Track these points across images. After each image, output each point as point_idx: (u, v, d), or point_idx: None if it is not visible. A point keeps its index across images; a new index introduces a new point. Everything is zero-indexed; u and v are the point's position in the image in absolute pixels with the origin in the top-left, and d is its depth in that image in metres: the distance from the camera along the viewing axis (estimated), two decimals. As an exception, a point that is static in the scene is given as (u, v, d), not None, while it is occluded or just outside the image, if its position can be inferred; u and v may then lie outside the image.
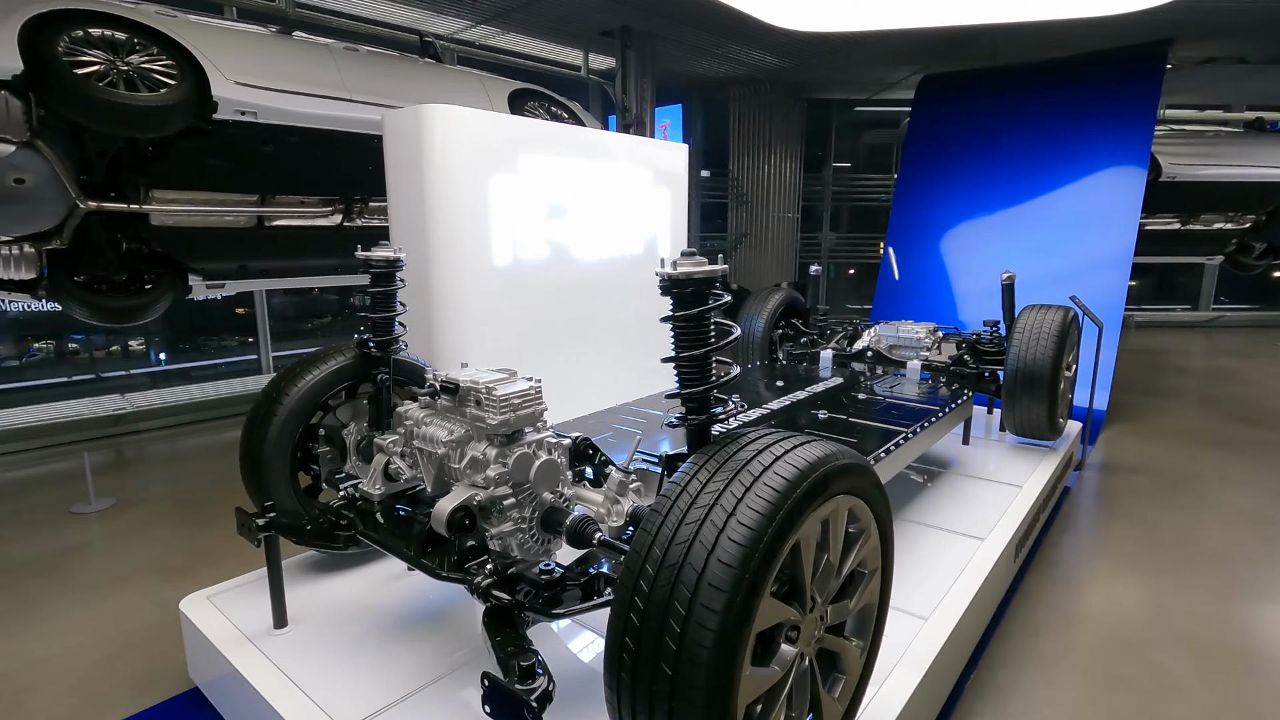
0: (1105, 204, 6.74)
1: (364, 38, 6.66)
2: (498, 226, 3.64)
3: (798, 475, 1.37)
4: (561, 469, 2.04)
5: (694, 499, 1.36)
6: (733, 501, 1.33)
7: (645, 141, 4.64)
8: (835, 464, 1.46)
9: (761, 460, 1.41)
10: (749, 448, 1.47)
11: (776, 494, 1.33)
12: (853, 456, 1.56)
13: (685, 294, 1.60)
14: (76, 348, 7.62)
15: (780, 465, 1.39)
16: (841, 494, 1.53)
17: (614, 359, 4.46)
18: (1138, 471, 4.89)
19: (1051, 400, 3.87)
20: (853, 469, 1.53)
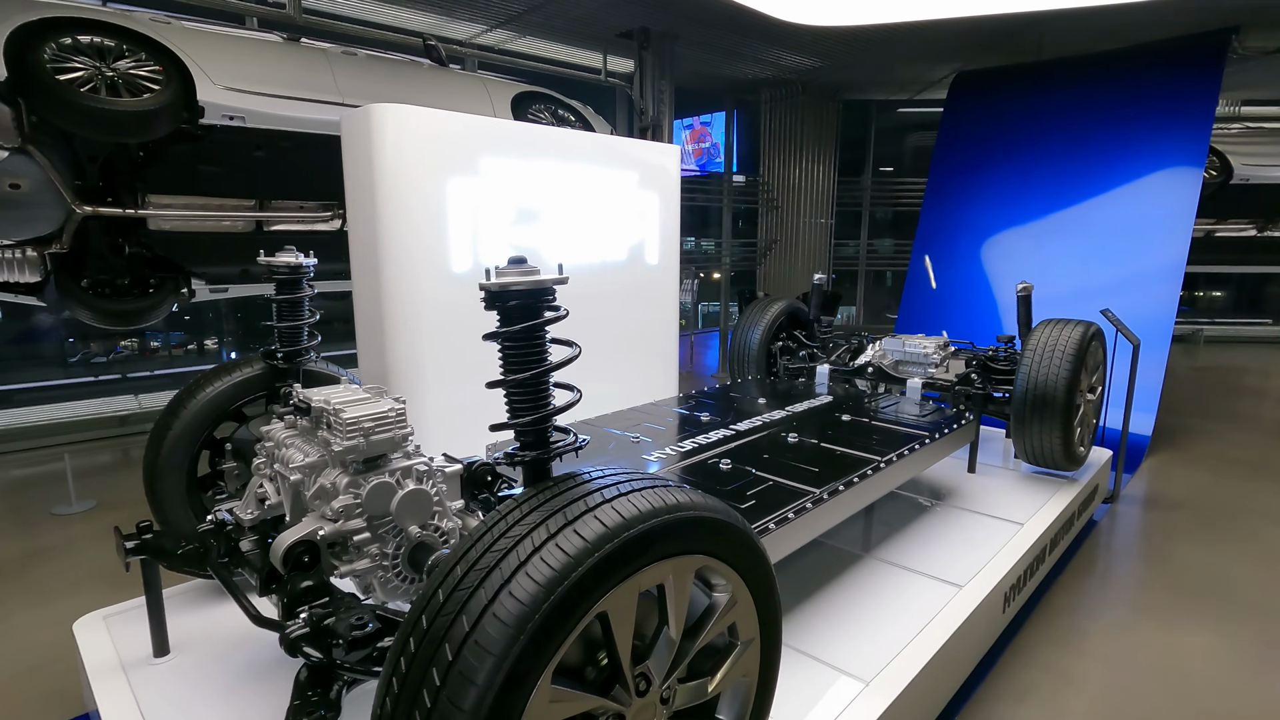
0: (1157, 209, 6.15)
1: (368, 42, 6.66)
2: (457, 232, 3.47)
3: (599, 537, 1.12)
4: (438, 500, 1.83)
5: (474, 562, 1.13)
6: (513, 565, 1.09)
7: (631, 143, 4.41)
8: (665, 520, 1.21)
9: (568, 513, 1.17)
10: (568, 494, 1.23)
11: (568, 559, 1.08)
12: (706, 509, 1.30)
13: (510, 308, 1.36)
14: (157, 345, 8.09)
15: (584, 523, 1.14)
16: (681, 555, 1.26)
17: (593, 370, 4.23)
18: (1178, 506, 4.36)
19: (1066, 426, 3.45)
20: (697, 526, 1.27)
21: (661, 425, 3.29)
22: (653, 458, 2.79)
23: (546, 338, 1.42)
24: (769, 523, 2.17)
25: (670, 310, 4.75)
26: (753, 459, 2.77)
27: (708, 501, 1.33)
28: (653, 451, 2.86)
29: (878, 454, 2.81)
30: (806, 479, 2.53)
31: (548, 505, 1.19)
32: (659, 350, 4.67)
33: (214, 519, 1.96)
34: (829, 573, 2.71)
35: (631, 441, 3.03)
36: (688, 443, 2.98)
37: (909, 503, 3.46)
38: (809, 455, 2.82)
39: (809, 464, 2.70)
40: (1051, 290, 6.56)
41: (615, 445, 2.98)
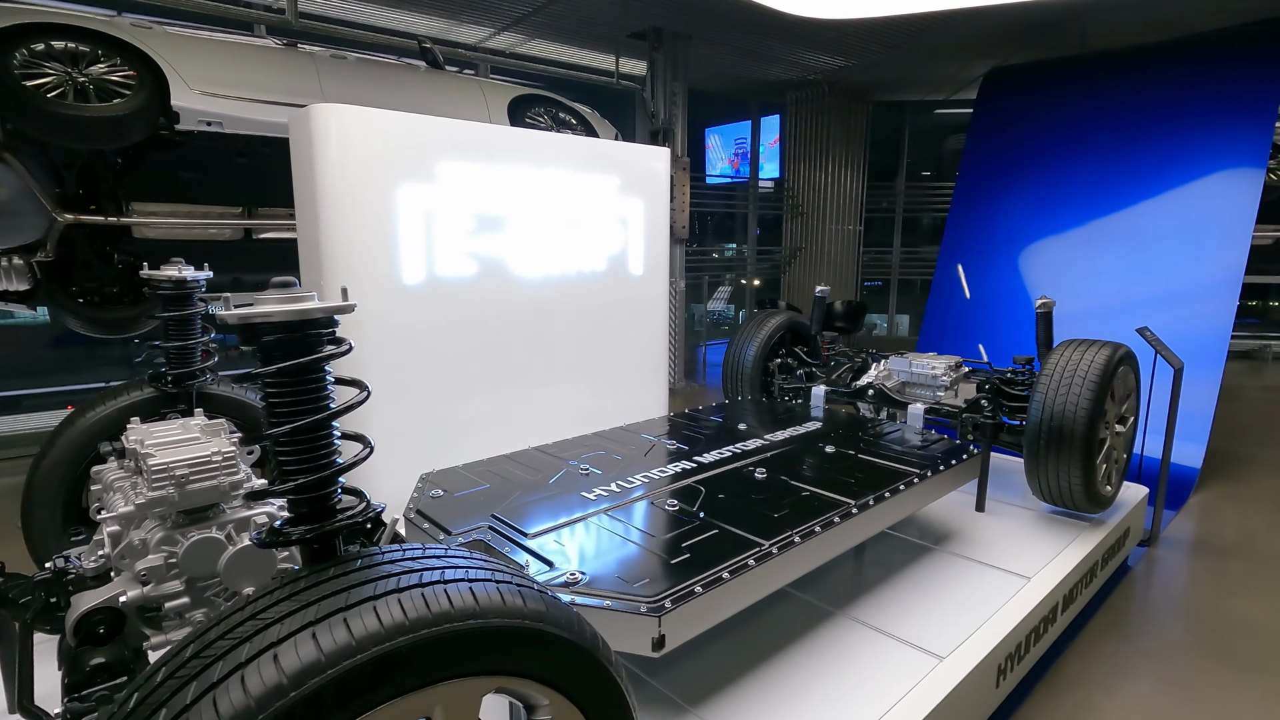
0: (1212, 214, 5.56)
1: (366, 45, 6.55)
2: (409, 241, 3.23)
3: (297, 672, 0.81)
4: (287, 555, 1.56)
5: (183, 662, 0.84)
6: (209, 681, 0.80)
7: (613, 145, 4.13)
8: (421, 637, 0.90)
9: (283, 627, 0.87)
10: (313, 591, 0.93)
11: (265, 690, 0.79)
12: (511, 616, 0.99)
13: (269, 345, 1.08)
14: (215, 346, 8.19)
15: (289, 649, 0.84)
16: (459, 677, 0.95)
17: (567, 388, 3.95)
18: (1227, 553, 3.83)
19: (1087, 462, 3.01)
20: (487, 640, 0.96)
21: (621, 454, 2.98)
22: (593, 495, 2.48)
23: (326, 379, 1.13)
24: (695, 585, 1.84)
25: (659, 323, 4.43)
26: (706, 499, 2.44)
27: (522, 605, 1.01)
28: (596, 488, 2.55)
29: (853, 496, 2.45)
30: (759, 527, 2.19)
31: (274, 609, 0.90)
32: (645, 365, 4.36)
33: (52, 566, 1.73)
34: (788, 634, 2.36)
35: (580, 474, 2.73)
36: (639, 477, 2.66)
37: (904, 544, 3.06)
38: (772, 496, 2.47)
39: (769, 508, 2.36)
40: (1093, 304, 6.02)
41: (560, 478, 2.68)
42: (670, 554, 2.02)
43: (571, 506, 2.39)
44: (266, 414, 1.10)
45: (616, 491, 2.52)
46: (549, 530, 2.20)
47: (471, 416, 3.55)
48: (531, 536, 2.15)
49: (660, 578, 1.88)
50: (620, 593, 1.80)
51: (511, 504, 2.42)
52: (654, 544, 2.09)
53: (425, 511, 2.36)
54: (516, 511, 2.35)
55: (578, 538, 2.16)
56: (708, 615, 1.86)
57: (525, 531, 2.18)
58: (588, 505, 2.40)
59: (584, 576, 1.88)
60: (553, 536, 2.16)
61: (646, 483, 2.60)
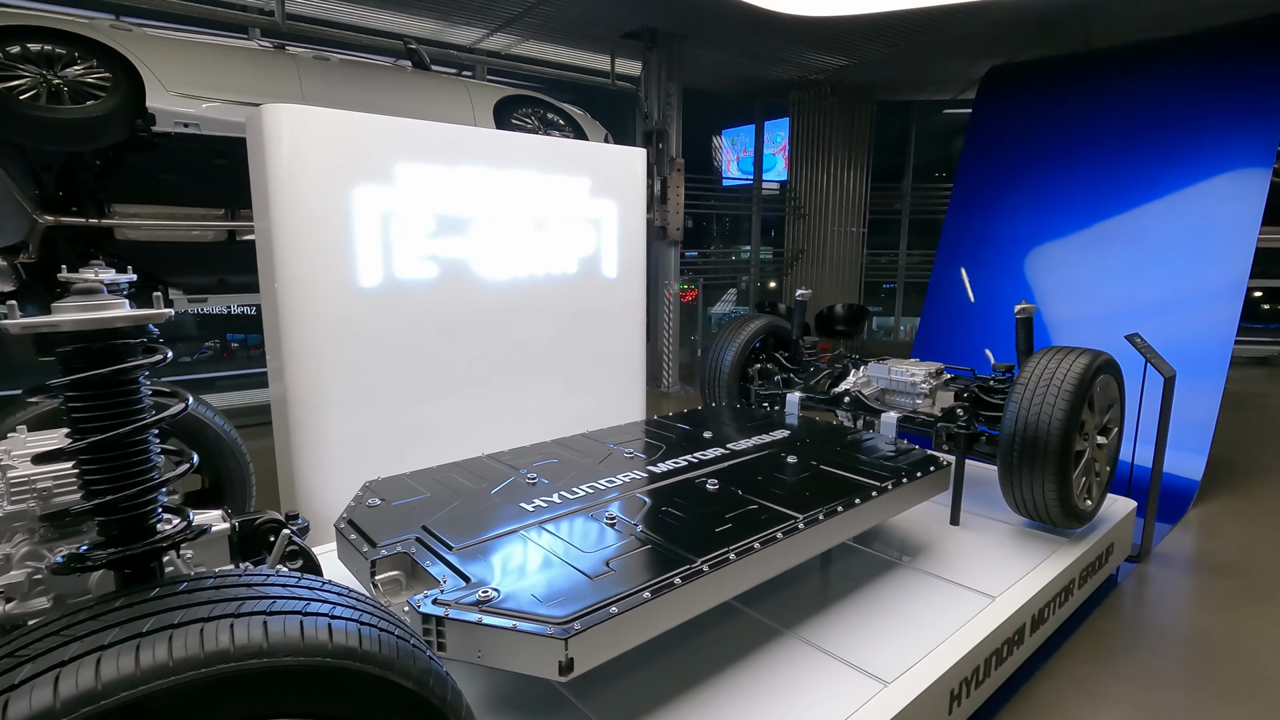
0: (1215, 217, 5.36)
1: (353, 47, 6.54)
2: (366, 243, 3.18)
3: None
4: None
5: None
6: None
7: (586, 146, 4.06)
8: (186, 679, 0.81)
9: (62, 653, 0.79)
10: (94, 621, 0.85)
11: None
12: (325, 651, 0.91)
13: (70, 355, 1.01)
14: (236, 346, 8.53)
15: (48, 684, 0.76)
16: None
17: (539, 392, 3.88)
18: (1224, 571, 3.66)
19: (1061, 476, 2.87)
20: (271, 681, 0.87)
21: (576, 462, 2.89)
22: (532, 506, 2.39)
23: (139, 390, 1.05)
24: (611, 605, 1.75)
25: (635, 327, 4.35)
26: (649, 512, 2.35)
27: (326, 642, 0.92)
28: (538, 498, 2.47)
29: (802, 510, 2.34)
30: (695, 543, 2.09)
31: (32, 647, 0.82)
32: (621, 370, 4.28)
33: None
34: (728, 654, 2.25)
35: (528, 483, 2.65)
36: (586, 487, 2.58)
37: (870, 558, 2.94)
38: (718, 509, 2.37)
39: (712, 522, 2.26)
40: (1093, 308, 5.85)
41: (505, 487, 2.60)
42: (595, 570, 1.94)
43: (507, 518, 2.31)
44: (70, 427, 1.03)
45: (558, 503, 2.43)
46: (476, 543, 2.12)
47: (433, 422, 3.48)
48: (457, 550, 2.07)
49: (578, 596, 1.80)
50: (530, 613, 1.71)
51: (446, 514, 2.34)
52: (581, 559, 2.01)
53: (356, 521, 2.29)
54: (449, 523, 2.27)
55: (504, 552, 2.08)
56: (625, 637, 1.77)
57: (451, 544, 2.10)
58: (524, 517, 2.32)
59: (498, 595, 1.80)
60: (479, 550, 2.08)
61: (591, 494, 2.51)
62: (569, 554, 2.05)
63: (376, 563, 2.06)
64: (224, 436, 2.57)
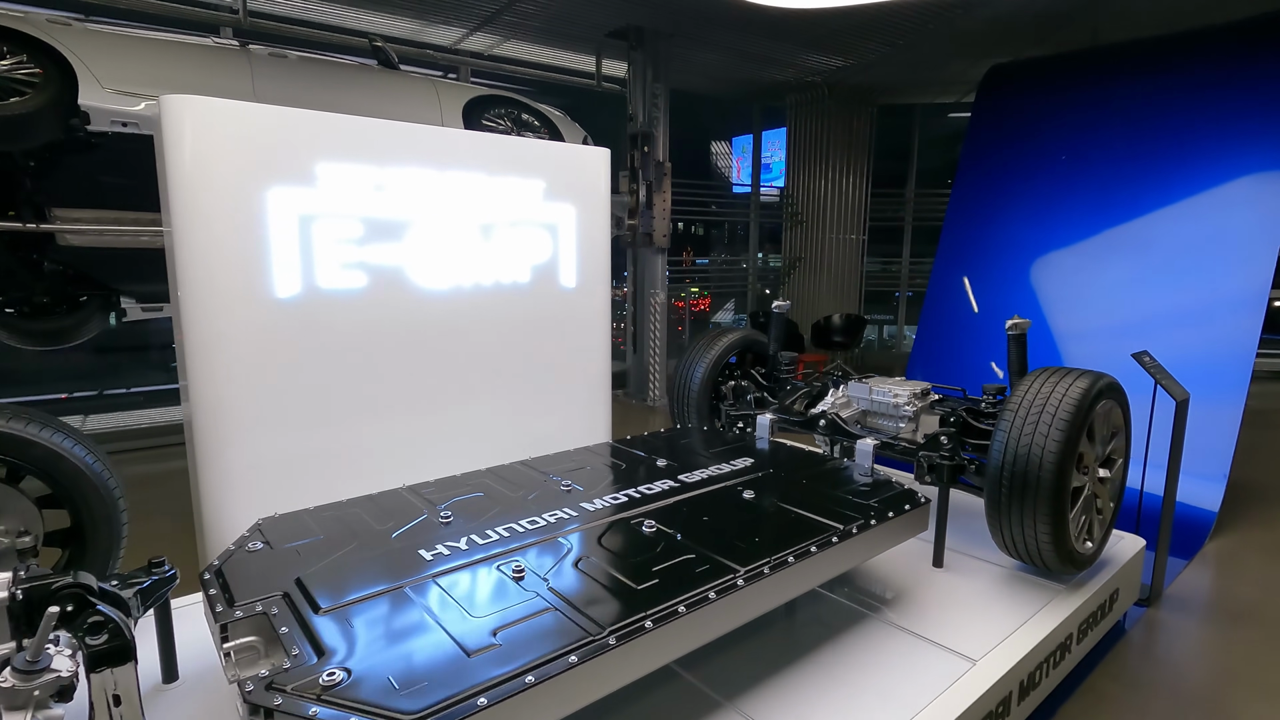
0: (1233, 223, 4.98)
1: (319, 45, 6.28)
2: (282, 249, 2.88)
3: None
4: None
5: None
6: None
7: (539, 145, 3.74)
8: None
9: None
10: None
11: None
12: None
13: None
14: None
15: None
16: None
17: (486, 411, 3.56)
18: (1242, 617, 3.27)
19: (1055, 516, 2.51)
20: None
21: (502, 497, 2.57)
22: (431, 555, 2.07)
23: None
24: (480, 694, 1.42)
25: (598, 341, 4.02)
26: (561, 564, 2.02)
27: None
28: (442, 543, 2.14)
29: (746, 561, 2.00)
30: (608, 606, 1.76)
31: None
32: (581, 386, 3.95)
33: None
34: (658, 732, 1.91)
35: (440, 522, 2.32)
36: (504, 528, 2.25)
37: (835, 607, 2.59)
38: (648, 560, 2.03)
39: (636, 577, 1.93)
40: (1102, 321, 5.47)
41: (411, 528, 2.27)
42: (477, 643, 1.61)
43: (399, 569, 1.99)
44: None
45: (463, 549, 2.11)
46: (349, 603, 1.79)
47: (364, 447, 3.17)
48: (324, 611, 1.75)
49: (444, 681, 1.47)
50: (375, 705, 1.39)
51: (331, 563, 2.02)
52: (464, 627, 1.68)
53: (226, 572, 1.97)
54: (329, 574, 1.95)
55: (378, 615, 1.75)
56: (500, 733, 1.44)
57: (320, 604, 1.78)
58: (418, 568, 1.99)
59: (345, 678, 1.47)
60: (349, 613, 1.75)
61: (506, 537, 2.19)
62: (453, 619, 1.72)
63: (229, 627, 1.74)
64: (85, 470, 2.26)
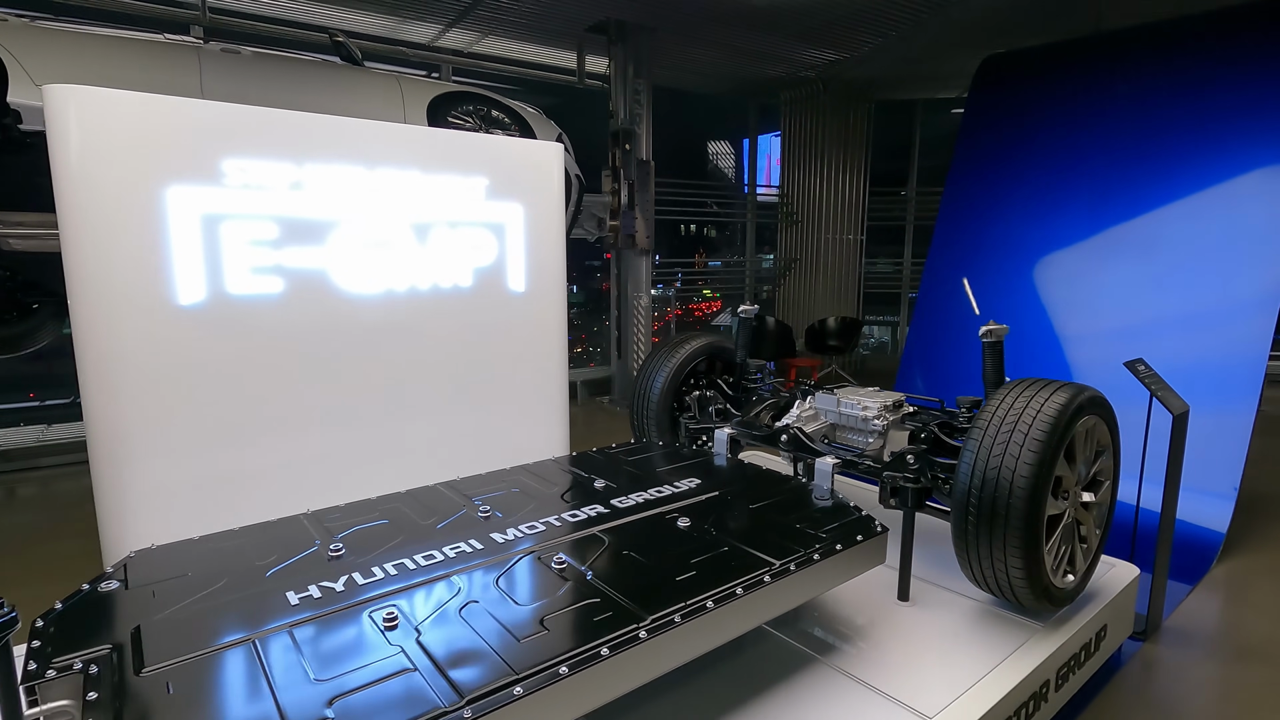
0: (1244, 220, 4.64)
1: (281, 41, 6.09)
2: (185, 252, 2.65)
3: None
4: None
5: None
6: None
7: (481, 140, 3.50)
8: None
9: None
10: None
11: None
12: None
13: None
14: None
15: None
16: None
17: (424, 424, 3.32)
18: (1248, 653, 2.95)
19: (1029, 548, 2.22)
20: None
21: (412, 523, 2.32)
22: (296, 599, 1.82)
23: None
24: (279, 791, 1.17)
25: (553, 349, 3.78)
26: (451, 608, 1.76)
27: None
28: (316, 584, 1.89)
29: (656, 607, 1.74)
30: (482, 665, 1.51)
31: None
32: (532, 396, 3.71)
33: None
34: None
35: (328, 557, 2.08)
36: (391, 566, 2.00)
37: (780, 648, 2.32)
38: (548, 605, 1.77)
39: (525, 628, 1.67)
40: (1103, 325, 5.15)
41: (292, 564, 2.03)
42: (302, 717, 1.35)
43: (257, 615, 1.74)
44: None
45: (339, 591, 1.85)
46: (180, 661, 1.55)
47: (283, 466, 2.94)
48: (144, 673, 1.51)
49: (247, 769, 1.22)
50: (147, 805, 1.14)
51: (184, 608, 1.78)
52: (299, 696, 1.42)
53: (63, 618, 1.74)
54: (176, 622, 1.71)
55: (207, 676, 1.51)
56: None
57: (144, 663, 1.54)
58: (277, 615, 1.74)
59: (129, 764, 1.22)
60: (175, 674, 1.51)
61: (391, 576, 1.93)
62: (290, 684, 1.47)
63: (38, 689, 1.50)
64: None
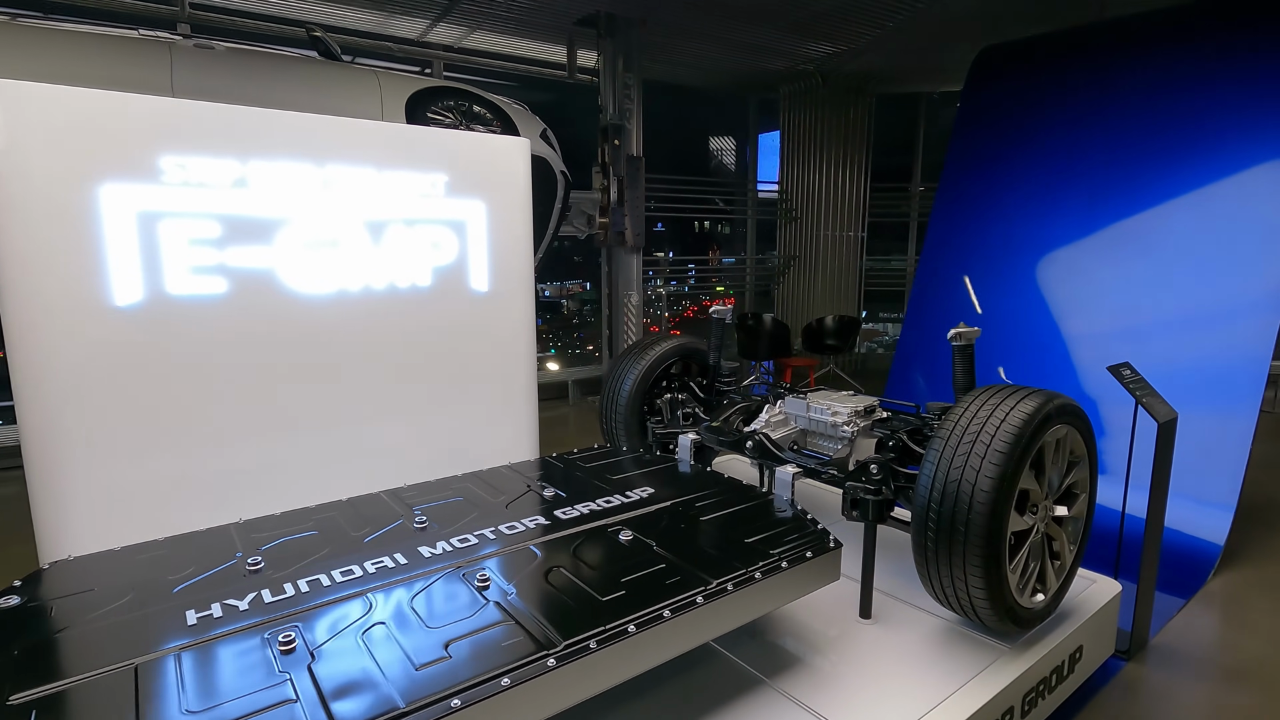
0: (1248, 216, 4.44)
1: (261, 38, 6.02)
2: (121, 251, 2.57)
3: None
4: None
5: None
6: None
7: (439, 134, 3.40)
8: None
9: None
10: None
11: None
12: None
13: None
14: None
15: None
16: None
17: (383, 428, 3.23)
18: (1242, 675, 2.79)
19: (990, 565, 2.08)
20: None
21: (342, 535, 2.22)
22: (195, 619, 1.72)
23: None
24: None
25: (520, 348, 3.67)
26: (352, 630, 1.66)
27: None
28: (223, 600, 1.80)
29: (572, 630, 1.63)
30: (363, 701, 1.40)
31: None
32: (498, 400, 3.60)
33: None
34: None
35: (245, 571, 1.98)
36: (305, 583, 1.90)
37: (727, 668, 2.20)
38: (452, 627, 1.67)
39: (425, 653, 1.56)
40: (1098, 325, 4.97)
41: (206, 579, 1.94)
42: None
43: (150, 637, 1.65)
44: None
45: (242, 610, 1.76)
46: (52, 690, 1.45)
47: (226, 472, 2.85)
48: (13, 700, 1.41)
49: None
50: None
51: (79, 627, 1.69)
52: (163, 730, 1.33)
53: (-52, 637, 1.65)
54: (65, 643, 1.62)
55: (75, 707, 1.41)
56: None
57: (15, 690, 1.45)
58: (170, 637, 1.65)
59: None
60: (44, 704, 1.42)
61: (303, 594, 1.84)
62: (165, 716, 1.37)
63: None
64: None
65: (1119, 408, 4.53)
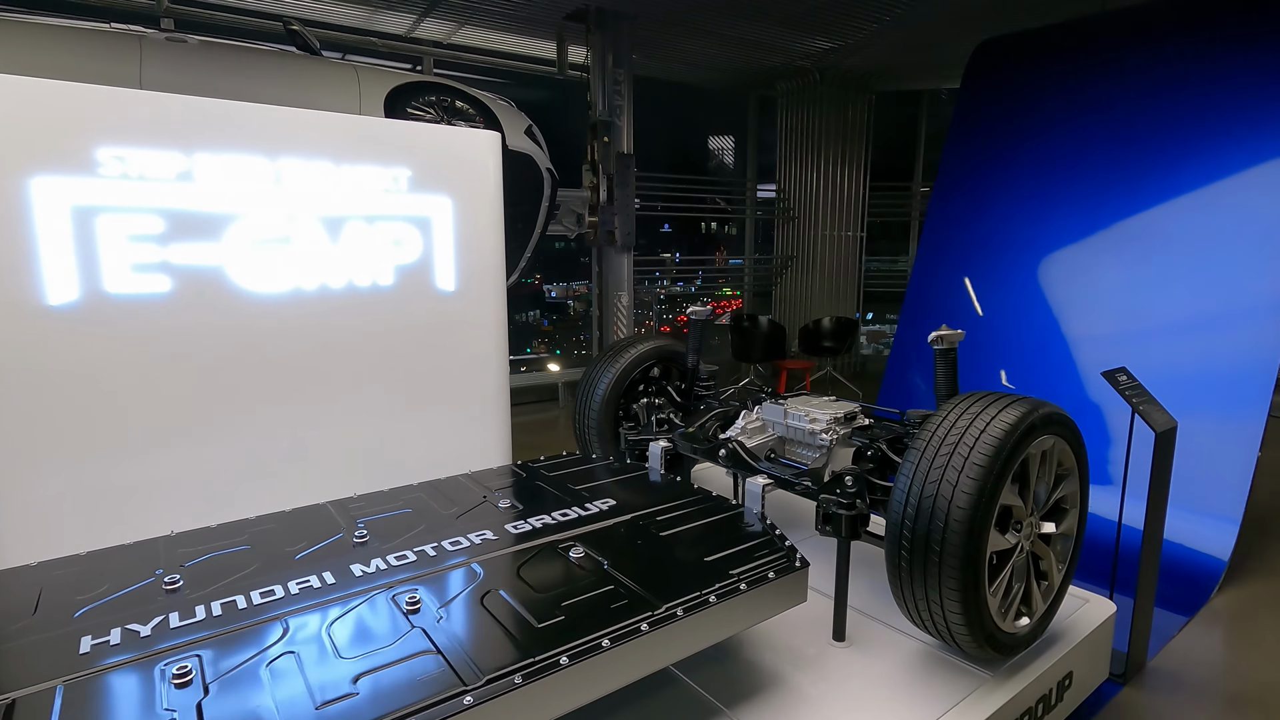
0: (1255, 215, 4.25)
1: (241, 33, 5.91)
2: (53, 247, 2.44)
3: None
4: None
5: None
6: None
7: (402, 127, 3.25)
8: None
9: None
10: None
11: None
12: None
13: None
14: None
15: None
16: None
17: (341, 433, 3.09)
18: (1244, 701, 2.61)
19: (967, 587, 1.92)
20: None
21: (274, 551, 2.08)
22: (89, 646, 1.58)
23: None
24: None
25: (490, 351, 3.53)
26: (262, 662, 1.52)
27: None
28: (125, 625, 1.66)
29: (500, 663, 1.48)
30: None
31: None
32: (467, 402, 3.46)
33: None
34: None
35: (162, 589, 1.85)
36: (219, 604, 1.76)
37: (685, 698, 2.04)
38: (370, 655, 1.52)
39: (329, 688, 1.41)
40: (1099, 328, 4.79)
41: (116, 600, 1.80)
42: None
43: (39, 666, 1.51)
44: None
45: (143, 637, 1.62)
46: (-90, 728, 1.32)
47: (170, 479, 2.72)
48: None
49: None
50: None
51: None
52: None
53: None
54: (-61, 674, 1.48)
55: (-70, 750, 1.28)
56: None
57: None
58: (52, 670, 1.50)
59: None
60: (-104, 744, 1.28)
61: (215, 618, 1.69)
62: (17, 762, 1.23)
63: None
64: None
65: (1124, 414, 4.37)
